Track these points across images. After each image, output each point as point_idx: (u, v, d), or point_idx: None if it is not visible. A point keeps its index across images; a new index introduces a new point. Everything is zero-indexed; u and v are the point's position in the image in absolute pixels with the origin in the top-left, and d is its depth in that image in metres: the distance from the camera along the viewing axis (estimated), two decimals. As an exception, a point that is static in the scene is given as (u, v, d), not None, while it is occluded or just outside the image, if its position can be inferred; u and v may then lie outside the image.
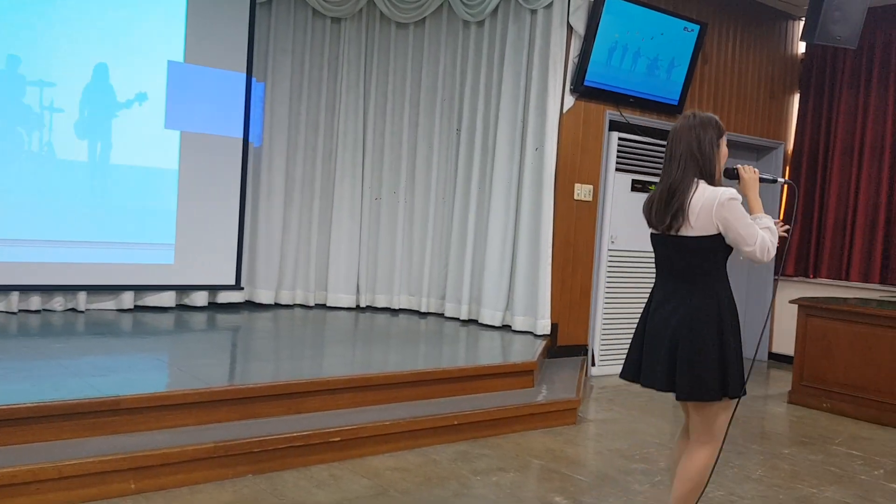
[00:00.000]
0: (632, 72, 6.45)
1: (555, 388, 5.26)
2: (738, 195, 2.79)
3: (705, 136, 2.82)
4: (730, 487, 3.89)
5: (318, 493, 3.44)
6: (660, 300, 2.91)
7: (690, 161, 2.81)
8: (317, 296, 7.05)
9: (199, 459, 3.45)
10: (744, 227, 2.75)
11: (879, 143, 7.23)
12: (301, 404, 4.10)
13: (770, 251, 2.78)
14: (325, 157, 7.02)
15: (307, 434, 3.79)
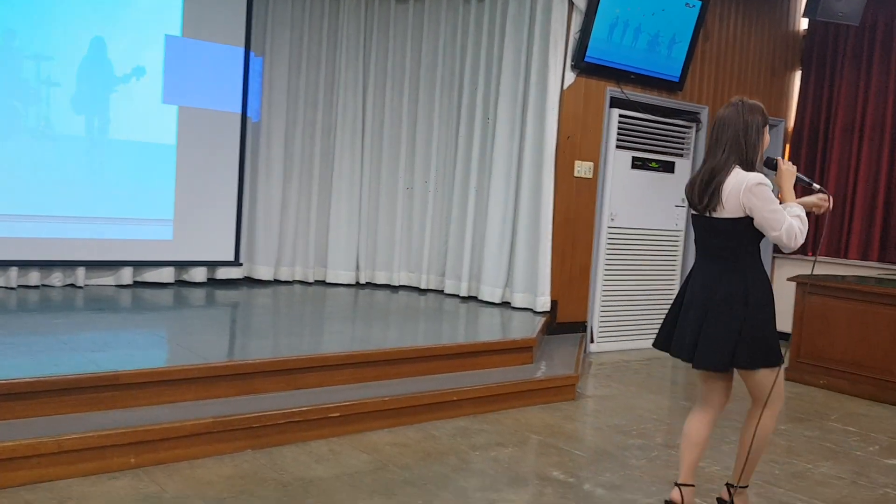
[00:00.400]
0: (633, 48, 6.41)
1: (554, 364, 5.28)
2: (767, 180, 2.88)
3: (752, 122, 2.93)
4: (726, 463, 3.92)
5: (317, 467, 3.47)
6: (699, 278, 3.07)
7: (735, 146, 2.92)
8: (316, 272, 7.06)
9: (198, 434, 3.47)
10: (769, 211, 2.85)
11: (880, 123, 7.20)
12: (300, 380, 4.12)
13: (798, 238, 2.87)
14: (324, 133, 6.99)
15: (306, 409, 3.81)
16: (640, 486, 3.51)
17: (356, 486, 3.28)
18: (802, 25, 7.89)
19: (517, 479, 3.50)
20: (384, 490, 3.26)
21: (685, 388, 5.75)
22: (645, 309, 6.88)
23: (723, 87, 7.30)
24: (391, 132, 7.08)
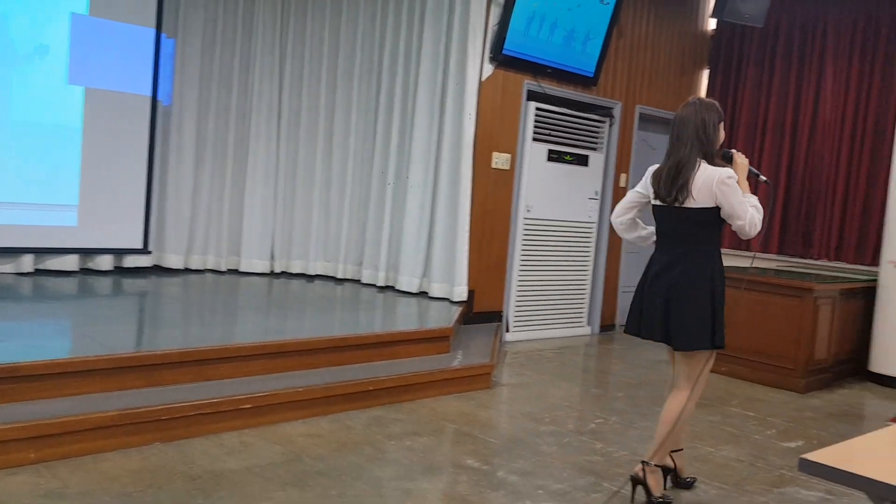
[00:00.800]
0: (549, 42, 6.51)
1: (470, 353, 5.34)
2: (735, 174, 3.20)
3: (709, 119, 3.23)
4: (633, 448, 4.05)
5: (228, 460, 3.41)
6: (667, 264, 3.28)
7: (696, 142, 3.21)
8: (229, 261, 6.92)
9: (103, 427, 3.36)
10: (738, 203, 3.16)
11: (781, 121, 7.54)
12: (211, 371, 4.03)
13: (757, 226, 3.19)
14: (238, 119, 6.84)
15: (217, 401, 3.74)
16: (551, 472, 3.59)
17: (268, 478, 3.24)
18: (710, 26, 8.17)
19: (432, 468, 3.53)
20: (297, 482, 3.23)
21: (596, 376, 5.90)
22: (559, 299, 7.03)
23: (635, 83, 7.50)
24: (308, 119, 6.99)
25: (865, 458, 1.90)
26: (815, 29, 7.38)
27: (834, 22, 7.25)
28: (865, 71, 7.03)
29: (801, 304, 5.68)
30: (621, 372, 5.92)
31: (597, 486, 3.47)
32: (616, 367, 6.11)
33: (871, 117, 6.95)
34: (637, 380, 5.66)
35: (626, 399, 5.08)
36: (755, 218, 3.17)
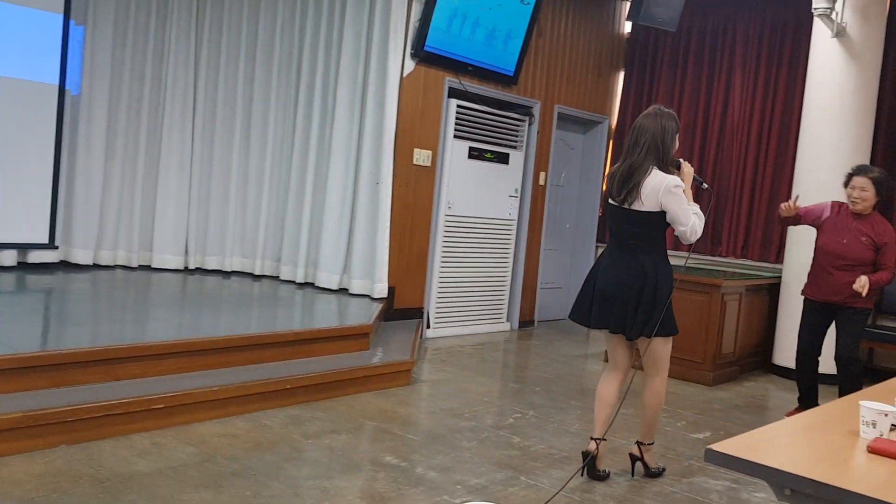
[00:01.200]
0: (471, 40, 6.55)
1: (390, 350, 5.33)
2: (682, 183, 3.42)
3: (668, 128, 3.44)
4: (549, 441, 4.12)
5: (138, 461, 3.31)
6: (616, 260, 3.53)
7: (652, 148, 3.41)
8: (140, 256, 6.71)
9: (5, 430, 3.21)
10: (682, 210, 3.39)
11: (692, 122, 7.79)
12: (121, 370, 3.90)
13: (698, 232, 3.43)
14: (151, 109, 6.64)
15: (127, 401, 3.62)
16: (470, 468, 3.62)
17: (181, 479, 3.17)
18: (626, 29, 8.38)
19: (350, 466, 3.51)
20: (211, 483, 3.16)
21: (515, 372, 5.98)
22: (479, 295, 7.09)
23: (554, 83, 7.62)
24: (225, 111, 6.84)
25: (767, 447, 1.98)
26: (724, 34, 7.66)
27: (742, 27, 7.54)
28: (771, 75, 7.33)
29: (710, 300, 5.89)
30: (539, 367, 6.02)
31: (514, 480, 3.52)
32: (534, 363, 6.21)
33: (777, 120, 7.26)
34: (554, 374, 5.76)
35: (543, 393, 5.17)
36: (696, 225, 3.40)
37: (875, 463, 1.90)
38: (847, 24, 6.03)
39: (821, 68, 6.20)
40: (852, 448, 2.01)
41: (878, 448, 1.95)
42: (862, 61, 6.09)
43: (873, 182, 4.50)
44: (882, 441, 1.99)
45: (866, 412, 2.10)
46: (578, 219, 8.41)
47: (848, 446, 2.02)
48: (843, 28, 6.02)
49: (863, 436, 2.08)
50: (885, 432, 2.08)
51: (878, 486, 1.73)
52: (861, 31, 6.06)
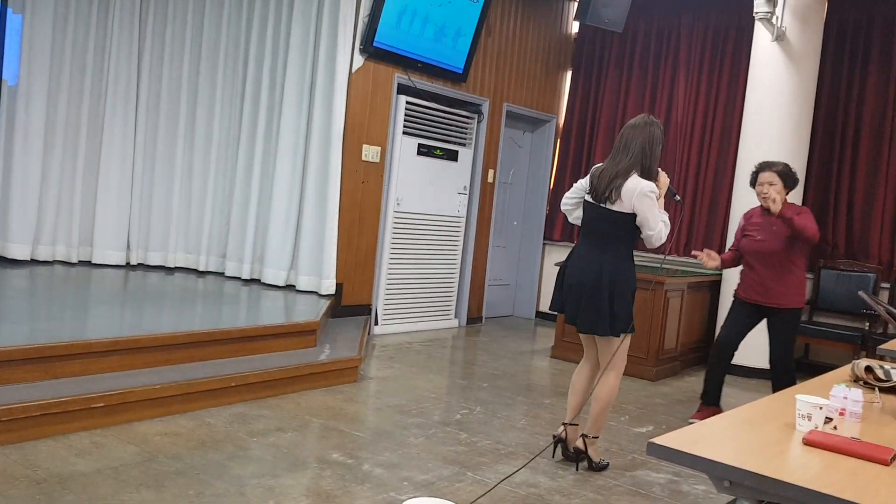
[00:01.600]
0: (420, 37, 6.54)
1: (337, 347, 5.30)
2: (656, 189, 3.57)
3: (656, 136, 3.61)
4: (496, 437, 4.15)
5: (77, 462, 3.23)
6: (582, 255, 3.70)
7: (639, 154, 3.58)
8: (81, 252, 6.53)
9: (-65, 431, 3.11)
10: (652, 215, 3.55)
11: (639, 122, 7.90)
12: (59, 368, 3.80)
13: (662, 238, 3.59)
14: (92, 101, 6.47)
15: (66, 400, 3.53)
16: (417, 464, 3.63)
17: (121, 479, 3.10)
18: (574, 29, 8.47)
19: (296, 464, 3.48)
20: (153, 482, 3.10)
21: (463, 368, 6.01)
22: (428, 292, 7.09)
23: (503, 81, 7.67)
24: (169, 104, 6.71)
25: (707, 441, 2.02)
26: (669, 36, 7.80)
27: (686, 30, 7.68)
28: (714, 77, 7.49)
29: (653, 297, 6.00)
30: (486, 363, 6.05)
31: (461, 475, 3.54)
32: (481, 359, 6.24)
33: (719, 120, 7.42)
34: (501, 371, 5.80)
35: (490, 389, 5.20)
36: (662, 232, 3.57)
37: (810, 454, 1.96)
38: (786, 28, 6.19)
39: (761, 71, 6.36)
40: (788, 440, 2.07)
41: (813, 440, 2.01)
42: (800, 64, 6.26)
43: (779, 174, 4.52)
44: (817, 433, 2.05)
45: (802, 406, 2.16)
46: (526, 216, 8.48)
47: (784, 439, 2.08)
48: (783, 32, 6.19)
49: (799, 428, 2.15)
50: (820, 425, 2.14)
51: (812, 476, 1.78)
52: (800, 35, 6.23)
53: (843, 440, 1.99)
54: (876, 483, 1.77)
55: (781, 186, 4.53)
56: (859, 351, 6.20)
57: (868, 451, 1.93)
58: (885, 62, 6.68)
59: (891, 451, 1.93)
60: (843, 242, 6.83)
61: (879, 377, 2.77)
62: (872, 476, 1.81)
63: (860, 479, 1.78)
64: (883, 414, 2.44)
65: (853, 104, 6.81)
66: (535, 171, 8.46)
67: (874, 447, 1.96)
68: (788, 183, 4.55)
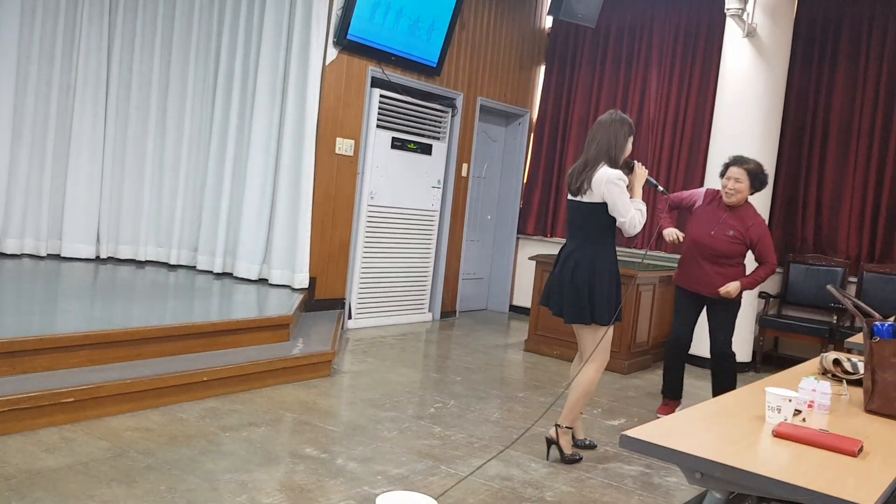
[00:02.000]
0: (394, 30, 6.52)
1: (310, 341, 5.28)
2: (624, 177, 3.66)
3: (621, 130, 3.71)
4: (470, 430, 4.16)
5: (47, 457, 3.19)
6: (566, 249, 3.84)
7: (605, 146, 3.69)
8: (49, 245, 6.43)
9: None
10: (621, 203, 3.63)
11: (612, 117, 7.95)
12: (28, 363, 3.75)
13: (636, 226, 3.65)
14: (61, 92, 6.36)
15: (35, 395, 3.48)
16: (390, 458, 3.63)
17: (92, 475, 3.06)
18: (547, 24, 8.49)
19: (269, 459, 3.46)
20: (124, 478, 3.07)
21: (436, 362, 6.01)
22: (402, 286, 7.09)
23: (477, 75, 7.67)
24: (139, 95, 6.62)
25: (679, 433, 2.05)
26: (641, 32, 7.84)
27: (659, 26, 7.74)
28: (686, 72, 7.55)
29: (625, 291, 6.03)
30: (460, 357, 6.07)
31: (435, 469, 3.55)
32: (455, 353, 6.25)
33: (690, 116, 7.49)
34: (474, 364, 5.82)
35: (463, 383, 5.21)
36: (636, 219, 3.64)
37: (780, 446, 1.99)
38: (757, 24, 6.26)
39: (732, 66, 6.42)
40: (759, 432, 2.10)
41: (783, 432, 2.05)
42: (771, 60, 6.33)
43: (748, 173, 4.47)
44: (786, 426, 2.09)
45: (772, 398, 2.20)
46: (499, 210, 8.50)
47: (755, 431, 2.11)
48: (754, 29, 6.25)
49: (768, 420, 2.18)
50: (789, 417, 2.18)
51: (781, 468, 1.81)
52: (770, 31, 6.30)
53: (812, 432, 2.03)
54: (844, 474, 1.80)
55: (747, 186, 4.50)
56: (827, 344, 6.31)
57: (836, 443, 1.97)
58: (853, 59, 6.78)
59: (858, 443, 1.96)
60: (812, 237, 6.93)
61: (847, 370, 2.82)
62: (840, 467, 1.85)
63: (828, 470, 1.81)
64: (850, 406, 2.49)
65: (822, 100, 6.91)
66: (509, 165, 8.48)
67: (842, 439, 2.00)
68: (755, 184, 4.52)
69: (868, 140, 6.70)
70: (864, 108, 6.72)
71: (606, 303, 3.72)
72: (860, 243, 6.71)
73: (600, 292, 3.71)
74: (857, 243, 6.73)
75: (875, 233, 6.67)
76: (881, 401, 2.37)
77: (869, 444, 2.02)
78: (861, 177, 6.73)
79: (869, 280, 6.52)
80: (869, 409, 2.40)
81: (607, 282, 3.73)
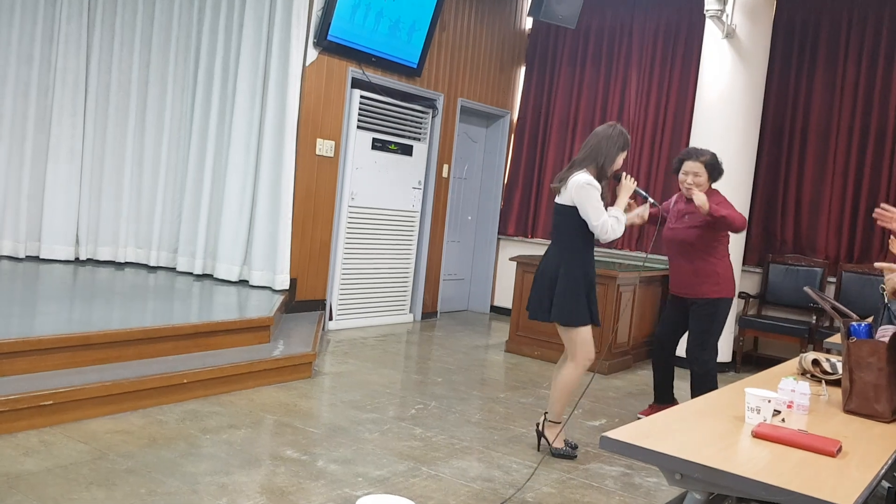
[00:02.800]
0: (375, 31, 6.51)
1: (291, 342, 5.26)
2: (595, 183, 3.69)
3: (615, 143, 3.76)
4: (451, 431, 4.17)
5: (25, 461, 3.15)
6: (546, 251, 3.93)
7: (594, 153, 3.75)
8: (28, 247, 6.37)
9: None
10: (591, 207, 3.68)
11: (590, 119, 7.99)
12: (6, 366, 3.70)
13: (609, 233, 3.69)
14: (40, 93, 6.30)
15: (14, 398, 3.44)
16: (372, 459, 3.62)
17: (71, 478, 3.04)
18: (527, 25, 8.51)
19: (250, 461, 3.45)
20: (103, 481, 3.05)
21: (417, 363, 6.01)
22: (383, 287, 7.08)
23: (458, 76, 7.67)
24: (119, 96, 6.56)
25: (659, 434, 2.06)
26: (621, 33, 7.88)
27: (639, 27, 7.78)
28: (666, 73, 7.60)
29: (606, 291, 6.07)
30: (441, 358, 6.07)
31: (416, 470, 3.55)
32: (436, 354, 6.25)
33: (671, 117, 7.53)
34: (455, 365, 5.82)
35: (445, 384, 5.22)
36: (608, 225, 3.67)
37: (759, 447, 2.01)
38: (736, 25, 6.31)
39: (711, 67, 6.47)
40: (738, 433, 2.12)
41: (762, 433, 2.07)
42: (750, 61, 6.38)
43: (705, 165, 4.41)
44: (765, 426, 2.11)
45: (751, 399, 2.22)
46: (480, 211, 8.51)
47: (734, 431, 2.13)
48: (733, 30, 6.31)
49: (748, 421, 2.20)
50: (769, 418, 2.20)
51: (761, 468, 1.83)
52: (749, 32, 6.35)
53: (791, 433, 2.05)
54: (823, 474, 1.82)
55: (706, 178, 4.41)
56: (807, 344, 6.37)
57: (815, 443, 1.99)
58: (832, 60, 6.86)
59: (837, 443, 1.99)
60: (791, 237, 7.00)
61: (826, 370, 2.86)
62: (820, 467, 1.87)
63: (807, 471, 1.83)
64: (829, 406, 2.52)
65: (801, 101, 6.98)
66: (490, 165, 8.49)
67: (821, 439, 2.02)
68: (714, 175, 4.45)
69: (847, 140, 6.78)
70: (843, 108, 6.80)
71: (568, 303, 3.77)
72: (839, 244, 6.78)
73: (561, 292, 3.77)
74: (836, 244, 6.80)
75: (854, 233, 6.74)
76: (859, 401, 2.40)
77: (847, 444, 2.05)
78: (840, 177, 6.80)
79: (848, 280, 6.59)
80: (847, 410, 2.43)
81: (573, 283, 3.77)
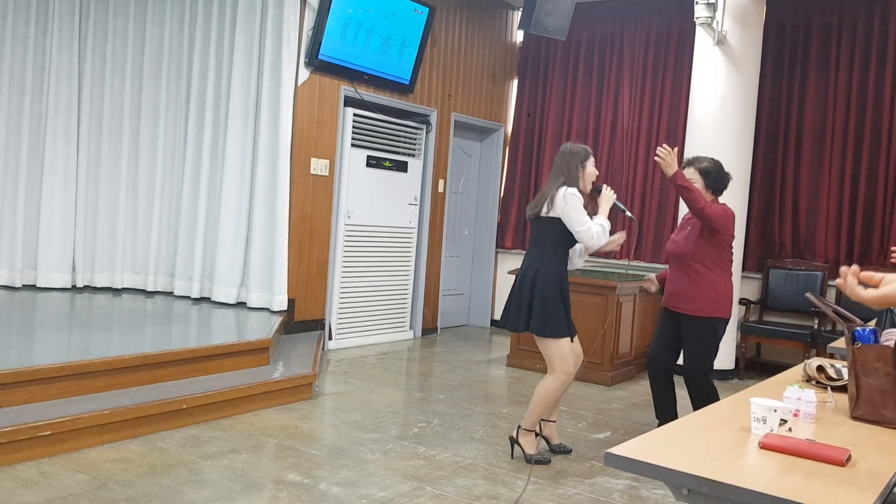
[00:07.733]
0: (366, 49, 6.51)
1: (291, 364, 5.22)
2: (578, 193, 3.86)
3: (572, 160, 3.97)
4: (455, 449, 4.13)
5: (24, 493, 3.11)
6: (526, 264, 4.01)
7: (564, 170, 3.96)
8: (25, 275, 6.34)
9: None
10: (576, 214, 3.82)
11: (583, 130, 8.00)
12: (4, 397, 3.67)
13: (594, 239, 3.83)
14: (32, 122, 6.29)
15: (11, 430, 3.41)
16: (375, 481, 3.58)
17: (71, 511, 3.00)
18: (519, 38, 8.52)
19: (252, 486, 3.41)
20: (104, 512, 3.01)
21: (419, 380, 5.97)
22: (382, 304, 7.04)
23: (450, 91, 7.67)
24: (112, 122, 6.56)
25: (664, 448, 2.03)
26: (612, 43, 7.90)
27: (629, 37, 7.80)
28: (658, 82, 7.60)
29: (606, 302, 6.05)
30: (442, 374, 6.03)
31: (420, 490, 3.51)
32: (437, 370, 6.21)
33: (664, 125, 7.53)
34: (457, 381, 5.78)
35: (447, 401, 5.18)
36: (592, 230, 3.81)
37: (766, 458, 1.97)
38: (727, 32, 6.32)
39: (704, 75, 6.47)
40: (745, 444, 2.08)
41: (769, 444, 2.03)
42: (742, 67, 6.39)
43: (700, 172, 4.28)
44: (772, 436, 2.07)
45: (756, 408, 2.18)
46: (477, 225, 8.49)
47: (741, 443, 2.10)
48: (724, 36, 6.31)
49: (754, 432, 2.17)
50: (775, 427, 2.17)
51: (769, 480, 1.80)
52: (740, 38, 6.36)
53: (799, 442, 2.02)
54: (833, 484, 1.79)
55: (702, 186, 4.24)
56: (810, 348, 6.33)
57: (824, 453, 1.95)
58: (824, 64, 6.87)
59: (846, 452, 1.95)
60: (790, 242, 6.98)
61: (831, 376, 2.82)
62: (829, 477, 1.84)
63: (817, 481, 1.80)
64: (836, 413, 2.49)
65: (795, 106, 6.98)
66: (485, 179, 8.48)
67: (830, 448, 1.98)
68: (710, 182, 4.26)
69: (842, 143, 6.77)
70: (836, 111, 6.80)
71: (546, 313, 3.85)
72: (838, 247, 6.77)
73: (540, 303, 3.85)
74: (836, 247, 6.78)
75: (852, 236, 6.73)
76: (867, 406, 2.37)
77: (857, 452, 2.01)
78: (836, 180, 6.79)
79: (846, 283, 6.56)
80: (855, 416, 2.39)
81: (549, 294, 3.86)
